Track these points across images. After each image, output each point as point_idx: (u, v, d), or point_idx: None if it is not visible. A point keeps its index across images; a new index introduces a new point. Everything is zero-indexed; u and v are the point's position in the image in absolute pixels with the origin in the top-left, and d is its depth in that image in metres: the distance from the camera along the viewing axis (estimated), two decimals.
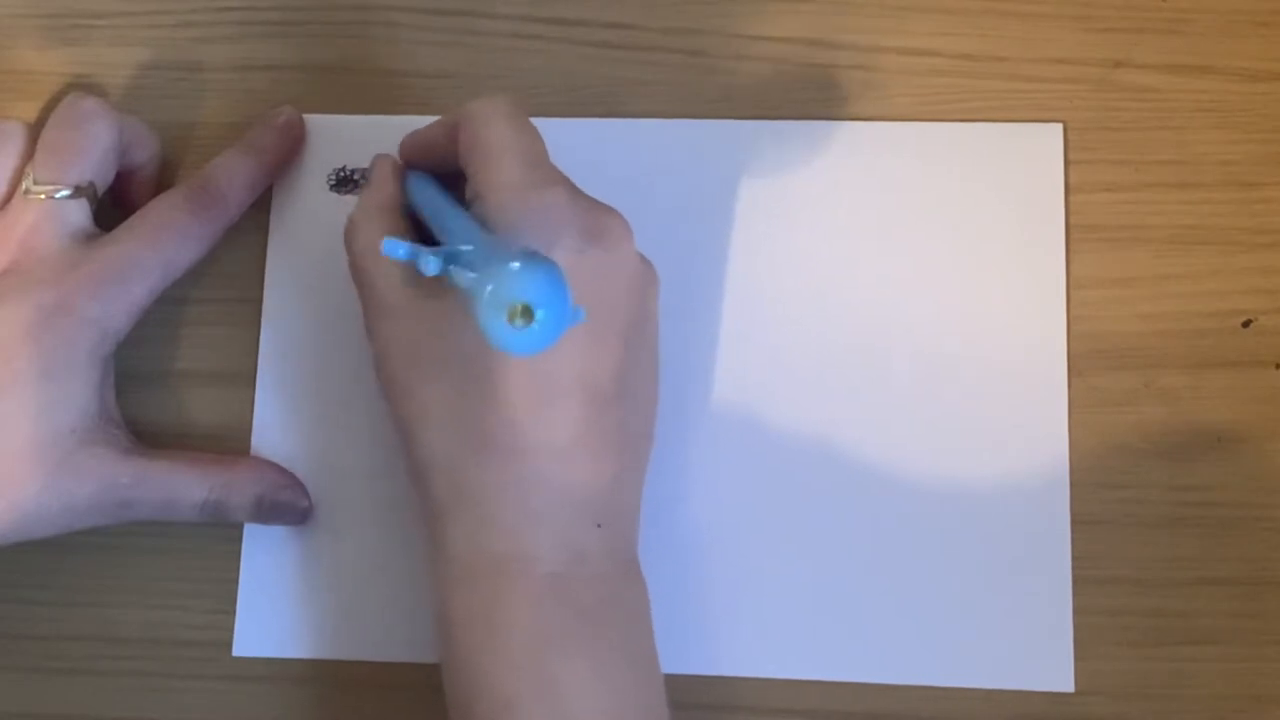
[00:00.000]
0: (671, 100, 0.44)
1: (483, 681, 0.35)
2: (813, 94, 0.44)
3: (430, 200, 0.39)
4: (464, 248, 0.34)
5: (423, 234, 0.39)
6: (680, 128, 0.44)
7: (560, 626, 0.35)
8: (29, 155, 0.41)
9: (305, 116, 0.44)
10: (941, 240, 0.42)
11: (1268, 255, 0.42)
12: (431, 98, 0.44)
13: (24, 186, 0.40)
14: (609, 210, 0.37)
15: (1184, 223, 0.42)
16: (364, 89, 0.45)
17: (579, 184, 0.37)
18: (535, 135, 0.38)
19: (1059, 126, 0.43)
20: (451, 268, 0.33)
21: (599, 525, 0.36)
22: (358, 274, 0.39)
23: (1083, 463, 0.41)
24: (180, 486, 0.40)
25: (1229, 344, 0.42)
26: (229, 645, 0.42)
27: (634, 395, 0.37)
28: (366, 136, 0.44)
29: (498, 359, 0.35)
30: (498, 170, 0.37)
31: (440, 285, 0.36)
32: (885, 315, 0.42)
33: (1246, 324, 0.42)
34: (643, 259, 0.38)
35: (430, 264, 0.33)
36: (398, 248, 0.33)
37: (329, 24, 0.45)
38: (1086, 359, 0.42)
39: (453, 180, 0.39)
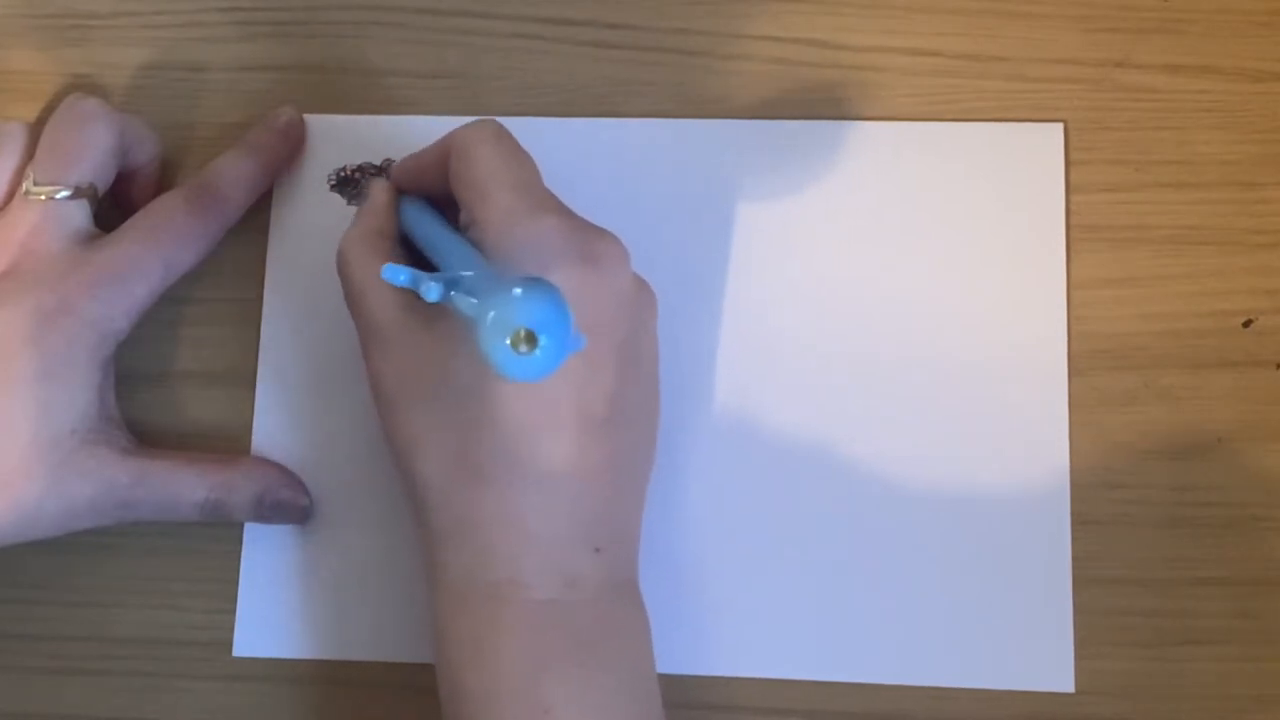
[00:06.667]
0: (671, 100, 0.44)
1: (478, 705, 0.35)
2: (813, 94, 0.44)
3: (426, 227, 0.39)
4: (464, 274, 0.33)
5: (417, 260, 0.39)
6: (680, 128, 0.44)
7: (555, 652, 0.35)
8: (30, 156, 0.41)
9: (305, 117, 0.44)
10: (941, 240, 0.42)
11: (1268, 255, 0.42)
12: (432, 98, 0.44)
13: (24, 187, 0.40)
14: (604, 233, 0.37)
15: (1184, 223, 0.42)
16: (364, 89, 0.45)
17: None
18: (525, 159, 0.38)
19: (1059, 126, 0.43)
20: (453, 294, 0.32)
21: (596, 550, 0.36)
22: (353, 300, 0.39)
23: (1083, 463, 0.41)
24: (180, 487, 0.40)
25: (1229, 344, 0.42)
26: (229, 645, 0.42)
27: (631, 419, 0.37)
28: (366, 136, 0.44)
29: (492, 386, 0.35)
30: (490, 198, 0.36)
31: (437, 312, 0.36)
32: (885, 315, 0.42)
33: (1247, 324, 0.42)
34: (640, 281, 0.38)
35: (431, 290, 0.32)
36: (398, 273, 0.33)
37: (329, 24, 0.45)
38: (1086, 359, 0.42)
39: (448, 205, 0.39)
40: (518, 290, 0.29)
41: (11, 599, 0.42)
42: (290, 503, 0.41)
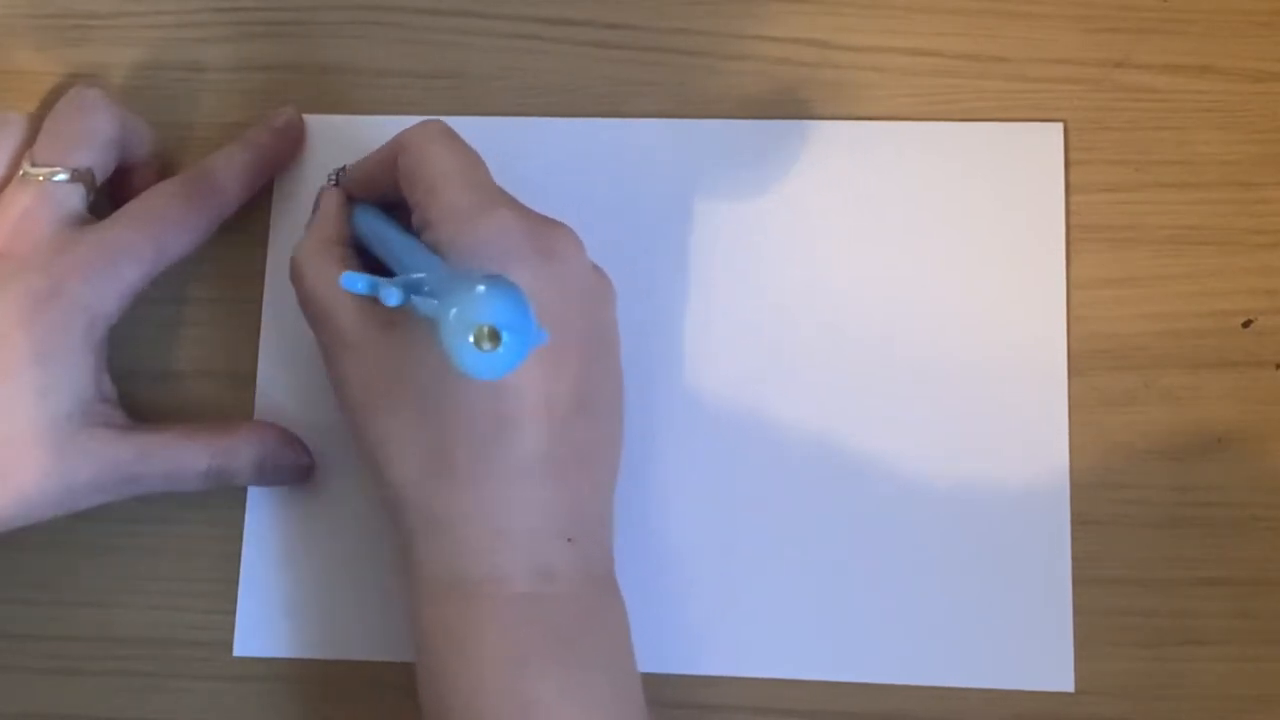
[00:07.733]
0: (671, 100, 0.44)
1: (457, 701, 0.35)
2: (813, 94, 0.44)
3: (379, 232, 0.39)
4: (422, 275, 0.33)
5: (372, 266, 0.39)
6: (680, 128, 0.44)
7: (533, 645, 0.35)
8: (30, 144, 0.40)
9: (305, 116, 0.44)
10: (941, 240, 0.42)
11: (1268, 255, 0.42)
12: (431, 98, 0.44)
13: (22, 170, 0.40)
14: (557, 225, 0.37)
15: (1184, 223, 0.42)
16: (364, 89, 0.45)
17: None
18: (474, 157, 0.38)
19: (1059, 126, 0.43)
20: (413, 297, 0.33)
21: (569, 541, 0.36)
22: (311, 310, 0.39)
23: (1083, 463, 0.41)
24: (183, 458, 0.40)
25: (1229, 344, 0.42)
26: (229, 645, 0.42)
27: (596, 408, 0.37)
28: (366, 136, 0.44)
29: (457, 384, 0.35)
30: (441, 197, 0.36)
31: (398, 314, 0.36)
32: (885, 315, 0.42)
33: (1246, 324, 0.42)
34: (596, 270, 0.38)
35: (391, 295, 0.33)
36: (357, 281, 0.33)
37: (329, 24, 0.45)
38: (1086, 359, 0.42)
39: (399, 209, 0.39)
40: (479, 288, 0.30)
41: (11, 599, 0.42)
42: (291, 463, 0.41)
